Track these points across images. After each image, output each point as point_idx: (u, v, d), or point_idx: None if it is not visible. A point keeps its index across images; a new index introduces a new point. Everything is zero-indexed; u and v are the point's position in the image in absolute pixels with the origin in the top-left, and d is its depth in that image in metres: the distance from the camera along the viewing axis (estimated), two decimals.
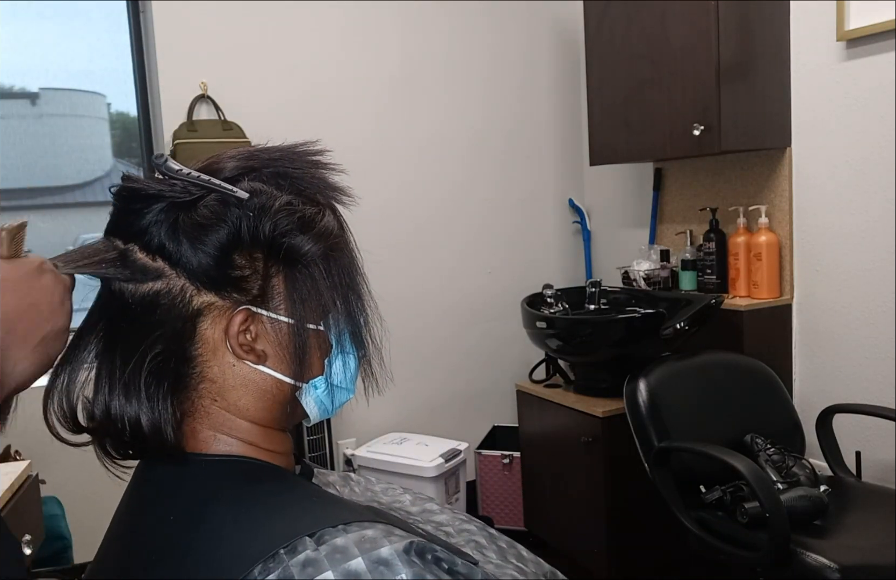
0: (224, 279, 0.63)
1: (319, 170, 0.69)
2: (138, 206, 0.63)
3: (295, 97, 2.82)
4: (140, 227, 0.62)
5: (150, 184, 0.63)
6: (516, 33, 3.23)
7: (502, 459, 2.99)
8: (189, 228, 0.62)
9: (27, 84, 2.64)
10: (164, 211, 0.62)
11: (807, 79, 2.33)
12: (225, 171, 0.65)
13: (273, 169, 0.67)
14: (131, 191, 0.63)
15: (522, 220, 3.31)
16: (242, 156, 0.67)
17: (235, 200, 0.63)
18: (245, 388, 0.65)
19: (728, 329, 2.39)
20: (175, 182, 0.63)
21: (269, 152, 0.68)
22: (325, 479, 0.80)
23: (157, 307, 0.62)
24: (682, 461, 1.98)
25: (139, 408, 0.61)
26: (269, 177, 0.66)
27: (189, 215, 0.62)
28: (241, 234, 0.63)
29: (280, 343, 0.65)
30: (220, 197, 0.63)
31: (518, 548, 0.78)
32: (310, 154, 0.70)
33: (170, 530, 0.60)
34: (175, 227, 0.62)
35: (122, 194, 0.64)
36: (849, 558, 1.63)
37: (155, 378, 0.62)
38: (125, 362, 0.62)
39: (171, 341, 0.62)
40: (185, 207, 0.62)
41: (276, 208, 0.64)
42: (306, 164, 0.69)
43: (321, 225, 0.66)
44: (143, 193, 0.63)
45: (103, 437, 0.64)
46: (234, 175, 0.65)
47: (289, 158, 0.68)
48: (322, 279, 0.66)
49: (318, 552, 0.54)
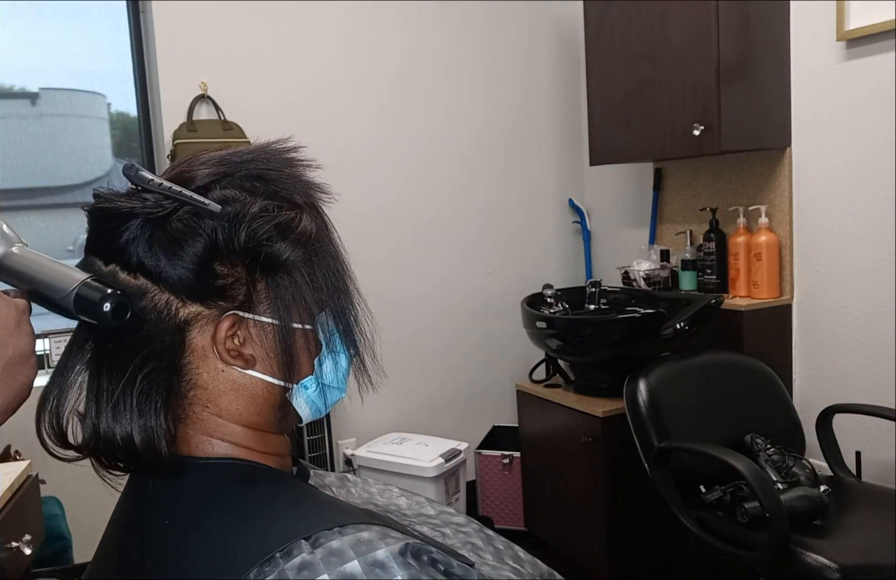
0: (207, 289, 0.62)
1: (294, 168, 0.68)
2: (113, 225, 0.62)
3: (295, 97, 2.82)
4: (118, 246, 0.62)
5: (122, 201, 0.62)
6: (516, 33, 3.23)
7: (502, 459, 2.99)
8: (165, 243, 0.61)
9: (27, 84, 2.64)
10: (139, 228, 0.61)
11: (807, 79, 2.32)
12: (196, 179, 0.64)
13: (246, 172, 0.65)
14: (105, 210, 0.62)
15: (522, 220, 3.31)
16: (214, 161, 0.65)
17: (209, 212, 0.61)
18: (235, 393, 0.65)
19: (728, 329, 2.39)
20: (146, 196, 0.61)
21: (240, 155, 0.66)
22: (321, 481, 0.80)
23: (144, 323, 0.61)
24: (682, 461, 1.98)
25: (131, 427, 0.61)
26: (242, 180, 0.65)
27: (163, 230, 0.61)
28: (217, 244, 0.61)
29: (268, 346, 0.64)
30: (194, 208, 0.62)
31: (515, 549, 0.77)
32: (283, 152, 0.68)
33: (165, 534, 0.60)
34: (151, 242, 0.61)
35: (95, 214, 0.63)
36: (849, 558, 1.63)
37: (146, 395, 0.61)
38: (115, 381, 0.61)
39: (161, 357, 0.62)
40: (159, 222, 0.61)
41: (250, 216, 0.62)
42: (281, 164, 0.67)
43: (299, 229, 0.65)
44: (116, 212, 0.62)
45: (97, 455, 0.63)
46: (206, 183, 0.64)
47: (262, 159, 0.66)
48: (305, 283, 0.65)
49: (314, 555, 0.54)
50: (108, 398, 0.61)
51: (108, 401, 0.61)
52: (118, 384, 0.61)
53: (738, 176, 2.57)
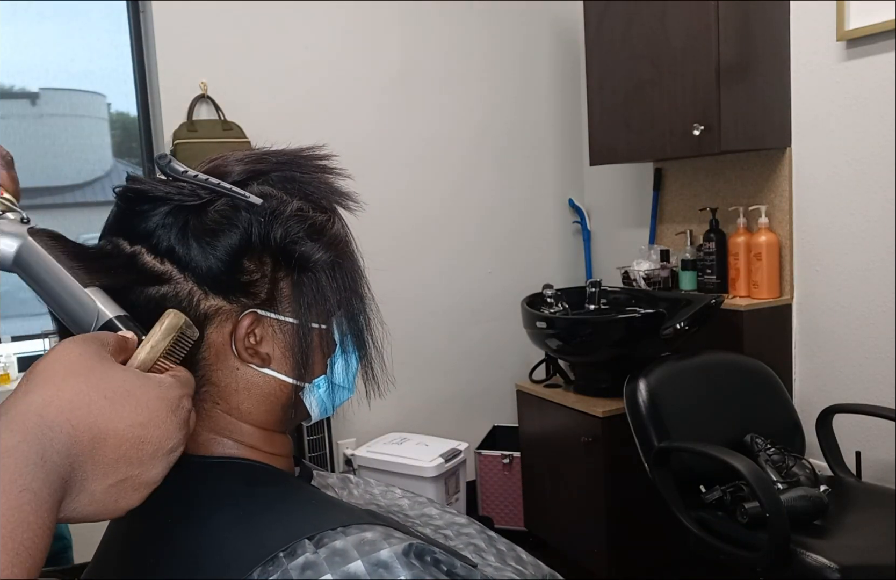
0: (233, 284, 0.62)
1: (326, 175, 0.69)
2: (145, 208, 0.62)
3: (295, 97, 2.82)
4: (146, 229, 0.61)
5: (157, 185, 0.62)
6: (516, 33, 3.23)
7: (502, 459, 2.99)
8: (200, 232, 0.61)
9: (27, 84, 2.64)
10: (171, 214, 0.61)
11: (807, 79, 2.33)
12: (233, 174, 0.65)
13: (281, 173, 0.66)
14: (137, 192, 0.62)
15: (522, 220, 3.31)
16: (250, 159, 0.66)
17: (246, 205, 0.62)
18: (248, 392, 0.65)
19: (728, 329, 2.39)
20: (182, 184, 0.62)
21: (276, 156, 0.67)
22: (324, 481, 0.80)
23: (163, 311, 0.61)
24: (682, 461, 1.98)
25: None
26: (276, 181, 0.66)
27: (199, 219, 0.61)
28: (252, 239, 0.62)
29: (285, 345, 0.65)
30: (231, 201, 0.62)
31: (517, 550, 0.77)
32: (317, 158, 0.69)
33: (168, 533, 0.60)
34: (185, 230, 0.61)
35: (126, 195, 0.63)
36: (849, 558, 1.63)
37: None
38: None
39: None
40: (195, 211, 0.61)
41: (287, 214, 0.63)
42: (314, 169, 0.68)
43: (332, 232, 0.66)
44: (149, 195, 0.62)
45: None
46: (242, 178, 0.64)
47: (296, 163, 0.67)
48: (328, 284, 0.66)
49: (318, 555, 0.54)
50: None
51: None
52: None
53: (737, 176, 2.57)
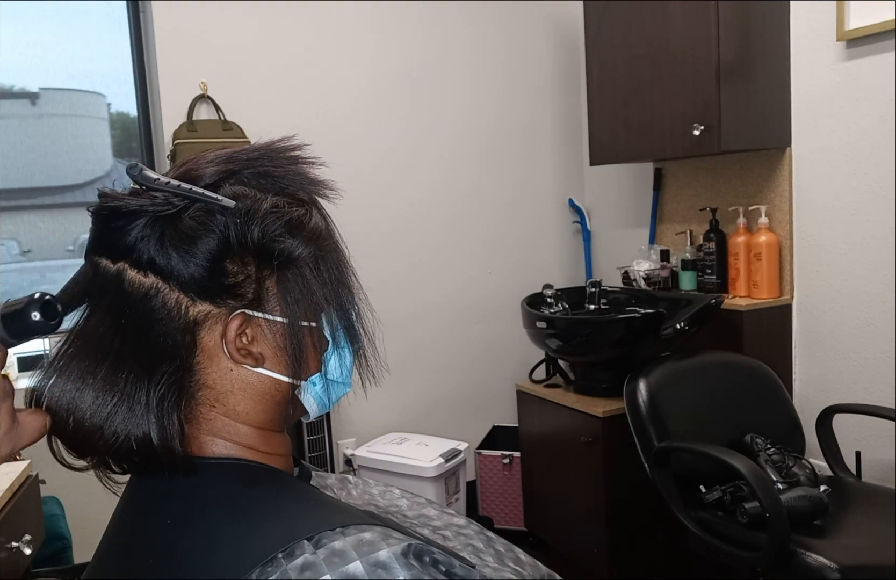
0: (218, 288, 0.62)
1: (300, 165, 0.68)
2: (121, 224, 0.61)
3: (295, 97, 2.82)
4: (126, 244, 0.61)
5: (130, 200, 0.61)
6: (516, 33, 3.23)
7: (502, 459, 2.99)
8: (177, 241, 0.60)
9: (27, 84, 2.64)
10: (147, 226, 0.61)
11: (807, 79, 2.32)
12: (205, 177, 0.64)
13: (253, 169, 0.65)
14: (111, 209, 0.61)
15: (522, 220, 3.31)
16: (220, 159, 0.65)
17: (220, 208, 0.61)
18: (244, 392, 0.65)
19: (728, 329, 2.39)
20: (155, 194, 0.61)
21: (247, 152, 0.67)
22: (322, 482, 0.80)
23: (155, 323, 0.61)
24: (682, 461, 1.98)
25: (148, 427, 0.60)
26: (250, 177, 0.65)
27: (175, 228, 0.61)
28: (230, 241, 0.61)
29: (277, 344, 0.65)
30: (205, 205, 0.61)
31: (516, 551, 0.77)
32: (289, 150, 0.68)
33: (167, 534, 0.60)
34: (162, 240, 0.60)
35: (101, 213, 0.62)
36: (849, 558, 1.63)
37: (162, 395, 0.61)
38: (128, 382, 0.61)
39: (175, 356, 0.61)
40: (170, 220, 0.61)
41: (262, 212, 0.62)
42: (287, 161, 0.67)
43: (310, 226, 0.65)
44: (123, 210, 0.61)
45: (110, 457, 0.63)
46: (214, 180, 0.64)
47: (268, 157, 0.67)
48: (314, 278, 0.65)
49: (316, 556, 0.54)
50: (124, 396, 0.61)
51: (126, 399, 0.60)
52: (135, 382, 0.60)
53: (737, 176, 2.57)
